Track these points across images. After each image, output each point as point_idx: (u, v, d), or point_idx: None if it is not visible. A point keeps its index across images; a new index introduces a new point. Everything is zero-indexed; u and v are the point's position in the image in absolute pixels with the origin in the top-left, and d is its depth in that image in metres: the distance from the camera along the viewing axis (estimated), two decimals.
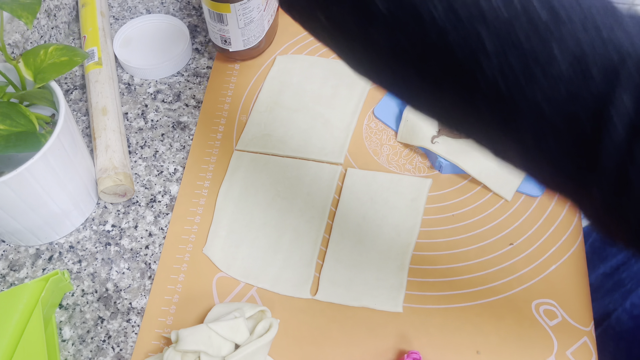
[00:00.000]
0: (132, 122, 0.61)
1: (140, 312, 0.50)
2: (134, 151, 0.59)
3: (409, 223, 0.53)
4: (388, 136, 0.59)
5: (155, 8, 0.72)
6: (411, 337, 0.47)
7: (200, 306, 0.49)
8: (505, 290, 0.50)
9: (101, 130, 0.56)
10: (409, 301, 0.49)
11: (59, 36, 0.68)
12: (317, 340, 0.48)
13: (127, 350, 0.48)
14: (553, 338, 0.47)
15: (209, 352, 0.42)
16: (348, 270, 0.51)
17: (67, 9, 0.69)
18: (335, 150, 0.58)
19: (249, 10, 0.58)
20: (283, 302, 0.49)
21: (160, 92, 0.64)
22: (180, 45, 0.66)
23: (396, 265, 0.51)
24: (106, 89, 0.60)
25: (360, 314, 0.49)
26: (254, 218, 0.54)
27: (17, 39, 0.60)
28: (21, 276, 0.52)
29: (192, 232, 0.53)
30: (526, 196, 0.54)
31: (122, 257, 0.53)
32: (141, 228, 0.54)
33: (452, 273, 0.51)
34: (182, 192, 0.56)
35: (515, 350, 0.47)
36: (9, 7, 0.43)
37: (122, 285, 0.51)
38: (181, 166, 0.58)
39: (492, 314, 0.48)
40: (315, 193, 0.55)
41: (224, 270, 0.51)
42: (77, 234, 0.54)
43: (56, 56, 0.48)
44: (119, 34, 0.66)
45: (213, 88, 0.64)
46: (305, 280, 0.50)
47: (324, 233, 0.53)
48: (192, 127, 0.61)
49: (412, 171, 0.57)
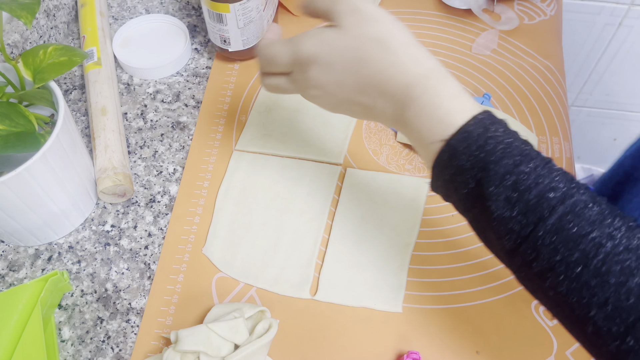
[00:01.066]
0: (131, 122, 0.61)
1: (140, 313, 0.49)
2: (133, 151, 0.59)
3: (409, 223, 0.53)
4: (388, 136, 0.59)
5: (155, 8, 0.72)
6: (411, 337, 0.47)
7: (200, 306, 0.49)
8: (505, 290, 0.50)
9: (100, 131, 0.56)
10: (409, 301, 0.49)
11: (58, 36, 0.68)
12: (317, 340, 0.47)
13: (126, 350, 0.48)
14: (553, 338, 0.47)
15: (208, 353, 0.42)
16: (348, 270, 0.51)
17: (66, 9, 0.69)
18: (334, 151, 0.58)
19: (248, 11, 0.58)
20: (283, 302, 0.49)
21: (160, 92, 0.64)
22: (179, 45, 0.66)
23: (396, 265, 0.51)
24: (105, 89, 0.60)
25: (360, 314, 0.49)
26: (254, 218, 0.54)
27: (17, 39, 0.60)
28: (20, 276, 0.52)
29: (191, 233, 0.53)
30: None
31: (121, 257, 0.53)
32: (140, 228, 0.54)
33: (452, 273, 0.51)
34: (182, 192, 0.56)
35: (515, 350, 0.47)
36: (8, 7, 0.43)
37: (121, 285, 0.51)
38: (180, 166, 0.58)
39: (492, 314, 0.48)
40: (314, 193, 0.55)
41: (223, 270, 0.51)
42: (76, 234, 0.54)
43: (55, 56, 0.48)
44: (118, 34, 0.66)
45: (212, 88, 0.63)
46: (305, 280, 0.50)
47: (323, 233, 0.53)
48: (191, 127, 0.61)
49: (412, 171, 0.57)
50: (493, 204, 0.33)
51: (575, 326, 0.33)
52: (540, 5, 0.71)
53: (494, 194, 0.33)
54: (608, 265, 0.30)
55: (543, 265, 0.32)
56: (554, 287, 0.32)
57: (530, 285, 0.35)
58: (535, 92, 0.63)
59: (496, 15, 0.70)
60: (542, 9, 0.71)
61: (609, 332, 0.30)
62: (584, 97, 1.17)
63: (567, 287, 0.31)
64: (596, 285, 0.30)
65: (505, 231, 0.33)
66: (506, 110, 0.61)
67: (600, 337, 0.31)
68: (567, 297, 0.31)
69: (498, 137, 0.34)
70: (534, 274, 0.33)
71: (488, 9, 0.70)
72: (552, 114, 0.61)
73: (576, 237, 0.31)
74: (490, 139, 0.34)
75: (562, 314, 0.33)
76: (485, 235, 0.36)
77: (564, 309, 0.32)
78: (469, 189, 0.35)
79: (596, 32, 1.02)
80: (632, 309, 0.29)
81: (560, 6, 0.72)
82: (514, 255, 0.34)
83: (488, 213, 0.34)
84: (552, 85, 0.63)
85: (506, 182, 0.33)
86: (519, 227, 0.32)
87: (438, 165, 0.36)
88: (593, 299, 0.30)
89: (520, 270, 0.34)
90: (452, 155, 0.35)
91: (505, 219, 0.33)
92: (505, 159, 0.33)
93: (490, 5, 0.70)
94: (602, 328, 0.30)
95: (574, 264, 0.31)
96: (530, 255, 0.32)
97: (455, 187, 0.36)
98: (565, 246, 0.31)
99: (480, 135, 0.34)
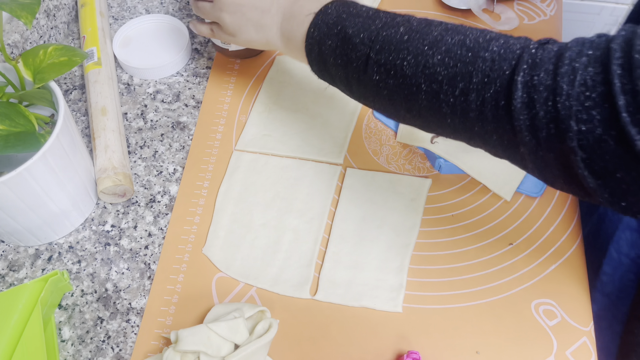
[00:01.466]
0: (131, 122, 0.61)
1: (140, 313, 0.50)
2: (133, 151, 0.59)
3: (409, 223, 0.53)
4: (387, 136, 0.59)
5: (155, 8, 0.72)
6: (411, 337, 0.47)
7: (200, 306, 0.49)
8: (505, 290, 0.50)
9: (100, 131, 0.56)
10: (409, 301, 0.49)
11: (58, 36, 0.68)
12: (317, 340, 0.48)
13: (126, 350, 0.48)
14: (552, 338, 0.47)
15: (208, 353, 0.42)
16: (348, 270, 0.51)
17: (67, 9, 0.69)
18: (334, 151, 0.58)
19: None
20: (283, 302, 0.49)
21: (160, 92, 0.64)
22: (179, 45, 0.66)
23: (396, 265, 0.51)
24: (105, 89, 0.60)
25: (360, 314, 0.49)
26: (254, 218, 0.54)
27: (17, 39, 0.60)
28: (20, 276, 0.52)
29: (191, 232, 0.53)
30: (526, 196, 0.54)
31: (121, 257, 0.53)
32: (140, 228, 0.54)
33: (452, 273, 0.51)
34: (182, 192, 0.56)
35: (515, 350, 0.47)
36: (8, 7, 0.43)
37: (121, 285, 0.51)
38: (180, 166, 0.58)
39: (492, 314, 0.48)
40: (314, 193, 0.55)
41: (223, 270, 0.51)
42: (76, 234, 0.54)
43: (55, 56, 0.48)
44: (118, 34, 0.66)
45: (212, 88, 0.64)
46: (305, 280, 0.50)
47: (323, 233, 0.53)
48: (191, 127, 0.61)
49: (412, 171, 0.57)
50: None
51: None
52: (540, 5, 0.71)
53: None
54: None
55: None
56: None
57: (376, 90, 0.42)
58: None
59: (496, 15, 0.70)
60: (542, 9, 0.71)
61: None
62: None
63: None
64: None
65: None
66: None
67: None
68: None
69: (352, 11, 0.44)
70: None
71: (488, 9, 0.70)
72: None
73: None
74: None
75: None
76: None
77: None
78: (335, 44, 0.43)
79: (596, 32, 1.02)
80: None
81: (560, 6, 0.72)
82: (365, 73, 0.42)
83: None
84: None
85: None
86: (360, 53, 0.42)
87: (311, 35, 0.45)
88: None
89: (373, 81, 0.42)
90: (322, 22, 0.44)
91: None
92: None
93: (490, 5, 0.70)
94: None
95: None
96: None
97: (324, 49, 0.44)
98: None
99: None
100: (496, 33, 0.37)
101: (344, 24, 0.43)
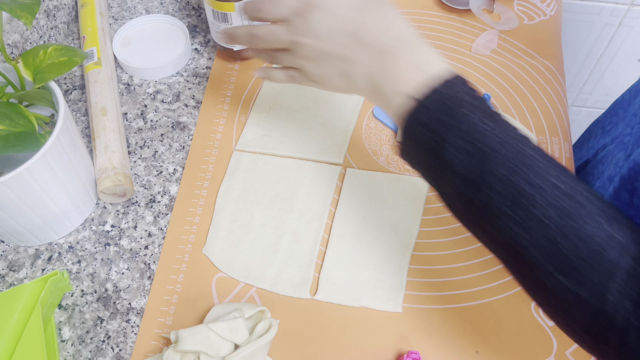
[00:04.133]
0: (131, 122, 0.61)
1: (140, 313, 0.50)
2: (133, 151, 0.59)
3: (409, 223, 0.53)
4: (387, 136, 0.59)
5: (155, 8, 0.72)
6: (410, 337, 0.47)
7: (200, 306, 0.49)
8: (505, 290, 0.50)
9: (100, 131, 0.56)
10: (409, 301, 0.49)
11: (58, 36, 0.68)
12: (317, 340, 0.48)
13: (126, 350, 0.48)
14: (552, 338, 0.47)
15: (208, 353, 0.42)
16: (347, 270, 0.51)
17: (67, 9, 0.69)
18: (334, 151, 0.58)
19: None
20: (283, 302, 0.49)
21: (160, 93, 0.64)
22: (179, 45, 0.66)
23: (395, 265, 0.51)
24: (105, 89, 0.60)
25: (360, 314, 0.49)
26: (254, 218, 0.54)
27: (17, 39, 0.60)
28: (20, 276, 0.52)
29: (191, 233, 0.53)
30: None
31: (121, 257, 0.53)
32: (140, 228, 0.54)
33: (452, 273, 0.51)
34: (182, 192, 0.56)
35: (514, 350, 0.47)
36: (8, 7, 0.43)
37: (121, 285, 0.51)
38: (180, 166, 0.58)
39: (492, 314, 0.48)
40: (314, 193, 0.55)
41: (223, 270, 0.51)
42: (76, 234, 0.54)
43: (55, 56, 0.48)
44: (118, 34, 0.66)
45: (212, 88, 0.64)
46: (305, 280, 0.50)
47: (323, 233, 0.53)
48: (191, 127, 0.61)
49: (412, 171, 0.57)
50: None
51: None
52: (540, 6, 0.71)
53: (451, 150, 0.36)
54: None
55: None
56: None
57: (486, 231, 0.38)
58: (535, 92, 0.63)
59: (496, 15, 0.70)
60: (542, 9, 0.71)
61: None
62: (584, 97, 1.17)
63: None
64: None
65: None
66: (506, 111, 0.61)
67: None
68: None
69: (465, 102, 0.37)
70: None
71: (488, 9, 0.70)
72: (552, 114, 0.61)
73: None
74: (458, 102, 0.37)
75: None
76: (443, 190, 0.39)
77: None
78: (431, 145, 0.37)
79: (596, 32, 1.02)
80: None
81: (560, 6, 0.72)
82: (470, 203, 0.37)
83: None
84: (552, 85, 0.63)
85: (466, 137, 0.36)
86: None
87: (411, 117, 0.39)
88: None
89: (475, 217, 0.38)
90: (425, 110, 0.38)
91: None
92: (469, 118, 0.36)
93: (490, 5, 0.70)
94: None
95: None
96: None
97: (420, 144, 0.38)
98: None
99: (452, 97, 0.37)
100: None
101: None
